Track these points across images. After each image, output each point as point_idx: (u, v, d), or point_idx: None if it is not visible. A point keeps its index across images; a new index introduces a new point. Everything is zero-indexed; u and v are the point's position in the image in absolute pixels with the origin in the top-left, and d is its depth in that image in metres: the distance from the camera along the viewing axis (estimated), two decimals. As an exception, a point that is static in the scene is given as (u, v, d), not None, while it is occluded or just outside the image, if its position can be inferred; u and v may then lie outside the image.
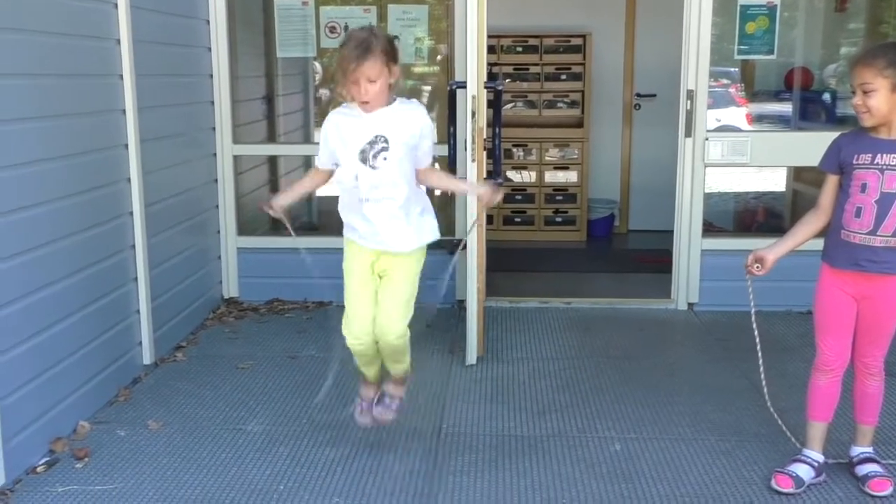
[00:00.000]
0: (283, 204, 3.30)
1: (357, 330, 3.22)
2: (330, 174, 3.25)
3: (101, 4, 3.97)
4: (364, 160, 3.05)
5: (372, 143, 3.05)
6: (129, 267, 4.22)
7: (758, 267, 3.13)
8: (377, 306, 3.20)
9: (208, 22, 5.27)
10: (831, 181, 3.12)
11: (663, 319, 5.33)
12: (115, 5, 4.05)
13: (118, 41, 4.08)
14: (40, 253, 3.41)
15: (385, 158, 3.03)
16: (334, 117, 3.16)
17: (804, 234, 3.16)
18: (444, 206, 5.56)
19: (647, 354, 4.68)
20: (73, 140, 3.69)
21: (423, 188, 3.29)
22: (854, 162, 3.01)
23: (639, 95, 7.69)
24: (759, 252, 3.15)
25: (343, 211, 3.23)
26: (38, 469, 3.33)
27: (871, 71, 2.91)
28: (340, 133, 3.12)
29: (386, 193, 3.08)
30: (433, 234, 3.25)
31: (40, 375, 3.41)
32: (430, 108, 6.37)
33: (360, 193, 3.10)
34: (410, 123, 3.12)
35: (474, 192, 3.39)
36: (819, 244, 3.18)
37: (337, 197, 3.32)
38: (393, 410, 3.38)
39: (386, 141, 3.04)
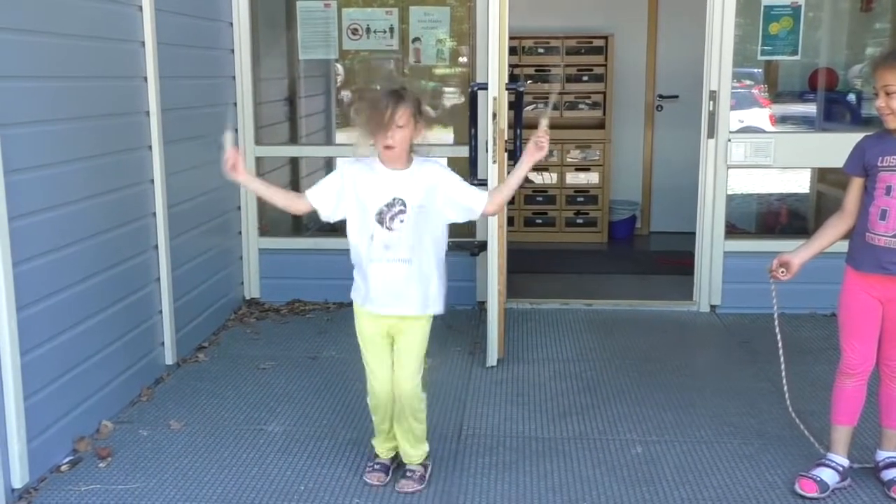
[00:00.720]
0: (245, 175, 3.16)
1: (379, 388, 3.19)
2: (308, 209, 3.12)
3: (126, 7, 4.00)
4: (381, 221, 2.99)
5: (390, 206, 2.99)
6: (152, 268, 4.25)
7: (783, 272, 3.11)
8: (395, 367, 3.17)
9: (231, 24, 5.30)
10: (856, 184, 3.09)
11: (685, 321, 5.30)
12: (140, 8, 4.08)
13: (142, 43, 4.11)
14: (64, 253, 3.44)
15: (402, 221, 2.98)
16: (354, 168, 3.05)
17: (829, 238, 3.14)
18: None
19: (668, 357, 4.66)
20: (97, 141, 3.72)
21: (442, 262, 3.15)
22: (879, 164, 2.98)
23: (661, 97, 7.66)
24: (784, 257, 3.13)
25: (356, 267, 3.14)
26: (62, 468, 3.35)
27: (894, 72, 2.88)
28: (357, 188, 3.03)
29: (399, 255, 3.02)
30: (436, 306, 3.15)
31: (64, 375, 3.44)
32: (451, 109, 6.37)
33: (371, 253, 3.03)
34: (425, 180, 3.03)
35: (529, 166, 3.25)
36: (843, 246, 3.15)
37: None
38: (416, 481, 3.22)
39: (403, 204, 2.98)
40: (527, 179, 7.15)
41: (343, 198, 3.05)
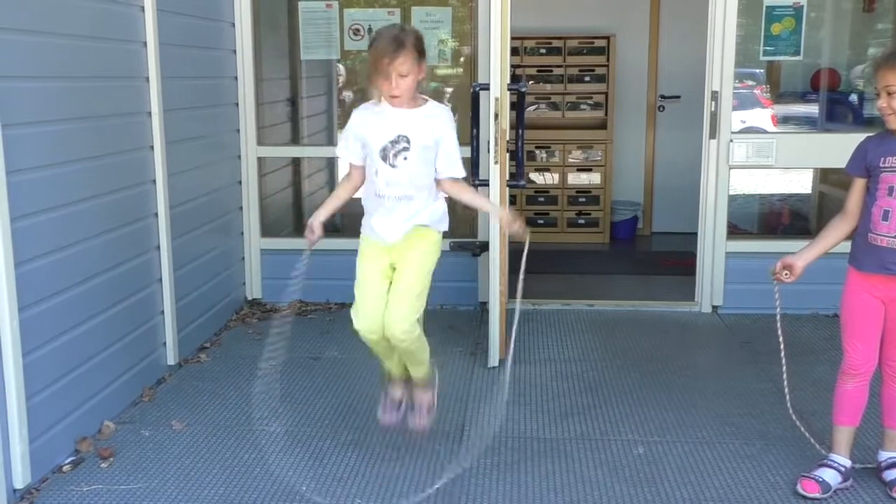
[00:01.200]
0: (321, 219, 3.28)
1: (364, 320, 3.18)
2: (359, 173, 3.23)
3: (128, 7, 4.00)
4: (384, 158, 3.07)
5: (394, 143, 3.07)
6: (154, 268, 4.25)
7: (786, 274, 3.11)
8: (390, 298, 3.17)
9: (233, 25, 5.30)
10: (858, 185, 3.09)
11: (687, 322, 5.30)
12: (142, 8, 4.08)
13: (144, 44, 4.11)
14: (66, 254, 3.45)
15: (405, 158, 3.05)
16: (363, 113, 3.17)
17: (832, 240, 3.13)
18: (467, 208, 5.55)
19: (670, 357, 4.65)
20: (99, 142, 3.72)
21: (443, 197, 3.24)
22: (881, 165, 2.98)
23: (663, 97, 7.65)
24: (787, 259, 3.12)
25: (364, 202, 3.23)
26: (64, 468, 3.36)
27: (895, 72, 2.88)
28: (365, 130, 3.14)
29: (403, 192, 3.09)
30: (443, 223, 3.24)
31: (66, 375, 3.44)
32: (452, 110, 6.38)
33: (376, 188, 3.11)
34: (434, 128, 3.12)
35: (496, 215, 3.34)
36: (845, 247, 3.15)
37: (359, 198, 3.33)
38: (425, 416, 3.32)
39: (408, 141, 3.06)
40: (529, 180, 7.22)
41: (358, 143, 3.15)
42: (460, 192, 3.28)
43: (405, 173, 3.06)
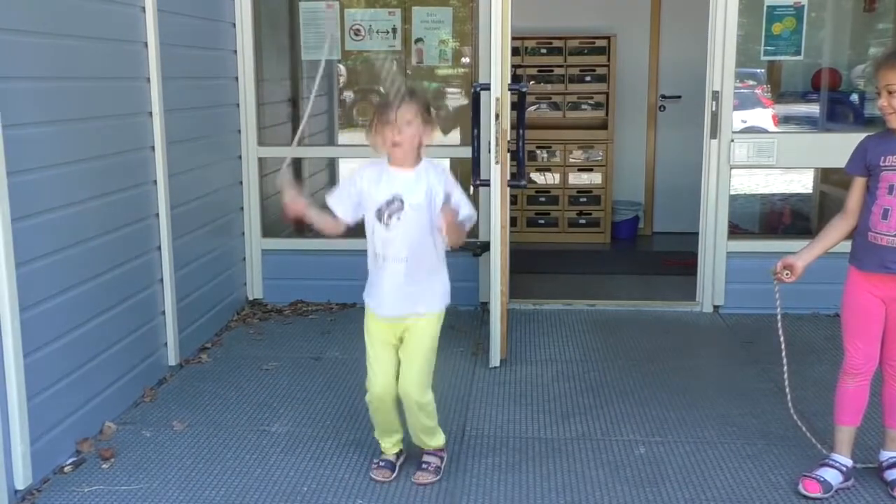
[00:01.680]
0: (300, 203, 3.17)
1: (378, 391, 3.22)
2: (345, 226, 3.17)
3: (129, 8, 4.00)
4: (380, 218, 3.05)
5: (389, 203, 3.04)
6: (155, 268, 4.25)
7: (787, 274, 3.11)
8: (400, 374, 3.19)
9: (234, 25, 5.30)
10: (858, 184, 3.09)
11: (688, 322, 5.30)
12: (143, 9, 4.08)
13: (145, 44, 4.11)
14: (67, 254, 3.45)
15: (399, 219, 3.03)
16: (366, 170, 3.12)
17: (833, 239, 3.13)
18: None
19: (671, 357, 4.65)
20: (100, 142, 3.72)
21: (443, 254, 3.18)
22: (881, 164, 2.99)
23: (664, 97, 7.65)
24: (788, 259, 3.12)
25: (369, 264, 3.18)
26: (66, 469, 3.36)
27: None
28: (365, 187, 3.10)
29: (397, 253, 3.06)
30: (443, 300, 3.18)
31: (67, 376, 3.44)
32: (453, 110, 6.38)
33: (375, 248, 3.11)
34: (428, 181, 3.06)
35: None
36: (846, 246, 3.15)
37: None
38: (432, 472, 3.27)
39: (401, 202, 3.03)
40: (530, 180, 7.22)
41: (356, 199, 3.13)
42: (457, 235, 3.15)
43: (399, 234, 3.04)
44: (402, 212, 3.02)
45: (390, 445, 3.35)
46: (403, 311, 3.13)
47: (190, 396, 4.11)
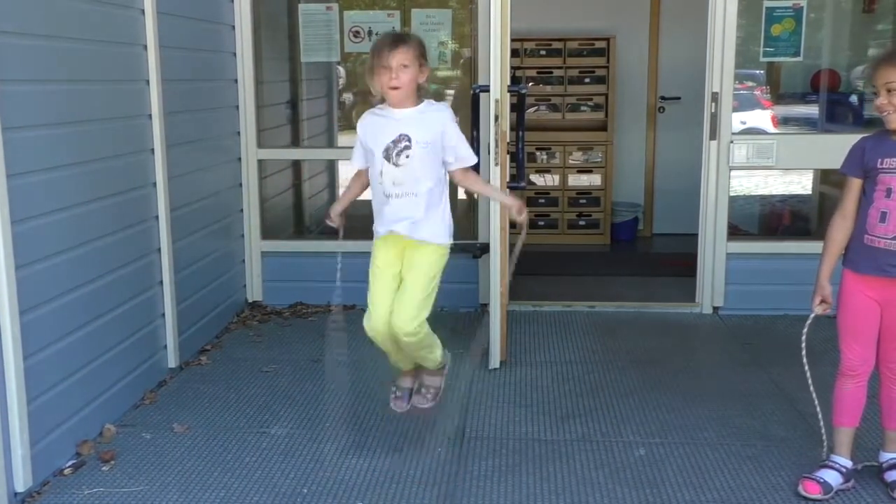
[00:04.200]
0: (339, 211, 3.44)
1: (373, 322, 3.30)
2: (366, 175, 3.37)
3: (128, 11, 4.00)
4: (388, 157, 3.17)
5: (396, 142, 3.17)
6: (155, 271, 4.25)
7: (825, 306, 3.11)
8: (395, 298, 3.28)
9: (233, 27, 5.31)
10: (855, 185, 3.07)
11: (688, 323, 5.30)
12: (142, 11, 4.08)
13: (145, 47, 4.11)
14: (67, 257, 3.45)
15: (407, 156, 3.15)
16: (367, 117, 3.30)
17: (841, 244, 3.11)
18: (468, 210, 5.56)
19: (671, 358, 4.65)
20: (99, 145, 3.72)
21: (446, 195, 3.33)
22: (878, 166, 2.97)
23: (663, 98, 7.65)
24: (822, 293, 3.11)
25: (374, 205, 3.33)
26: (65, 471, 3.36)
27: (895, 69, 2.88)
28: (369, 132, 3.26)
29: (407, 189, 3.19)
30: (447, 236, 3.32)
31: (67, 378, 3.44)
32: (453, 111, 6.38)
33: (383, 189, 3.21)
34: (433, 124, 3.22)
35: (498, 200, 3.45)
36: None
37: (363, 201, 3.37)
38: (429, 400, 3.42)
39: (409, 139, 3.16)
40: (530, 182, 7.22)
41: (366, 145, 3.28)
42: (471, 183, 3.43)
43: (409, 170, 3.17)
44: (411, 150, 3.14)
45: (408, 363, 3.45)
46: (409, 231, 3.22)
47: (190, 399, 4.11)
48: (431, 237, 3.27)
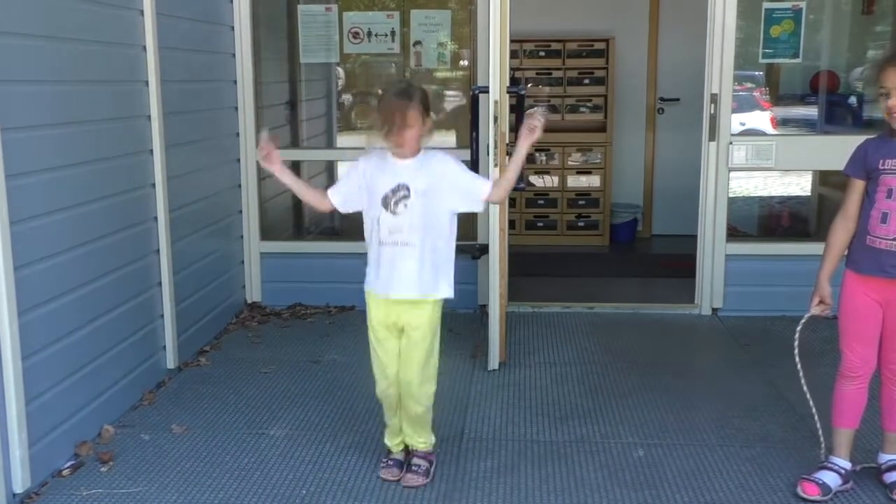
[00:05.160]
0: (279, 165, 3.26)
1: (383, 388, 3.30)
2: (331, 208, 3.30)
3: (127, 11, 4.00)
4: (386, 206, 3.14)
5: (394, 191, 3.14)
6: (154, 271, 4.25)
7: (824, 307, 3.11)
8: (402, 357, 3.25)
9: (232, 28, 5.30)
10: (857, 186, 3.07)
11: (687, 324, 5.30)
12: (141, 12, 4.08)
13: (144, 48, 4.11)
14: (66, 257, 3.45)
15: (405, 206, 3.13)
16: (367, 161, 3.23)
17: (842, 245, 3.11)
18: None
19: (670, 360, 4.65)
20: (98, 145, 3.72)
21: (451, 245, 3.25)
22: (880, 167, 2.98)
23: (662, 99, 7.66)
24: (821, 294, 3.11)
25: (368, 253, 3.26)
26: (64, 472, 3.35)
27: None
28: (368, 178, 3.21)
29: (403, 238, 3.14)
30: (446, 291, 3.23)
31: (65, 379, 3.44)
32: (452, 112, 6.38)
33: (379, 236, 3.17)
34: (431, 171, 3.17)
35: (526, 146, 3.32)
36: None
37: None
38: (421, 476, 3.29)
39: (407, 189, 3.13)
40: (529, 183, 7.22)
41: (357, 190, 3.24)
42: (503, 191, 3.35)
43: (406, 219, 3.13)
44: (409, 199, 3.12)
45: (397, 444, 3.39)
46: (408, 293, 3.17)
47: (188, 400, 4.11)
48: (431, 293, 3.19)
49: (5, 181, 3.00)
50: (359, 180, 3.23)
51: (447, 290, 3.22)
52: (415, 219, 3.13)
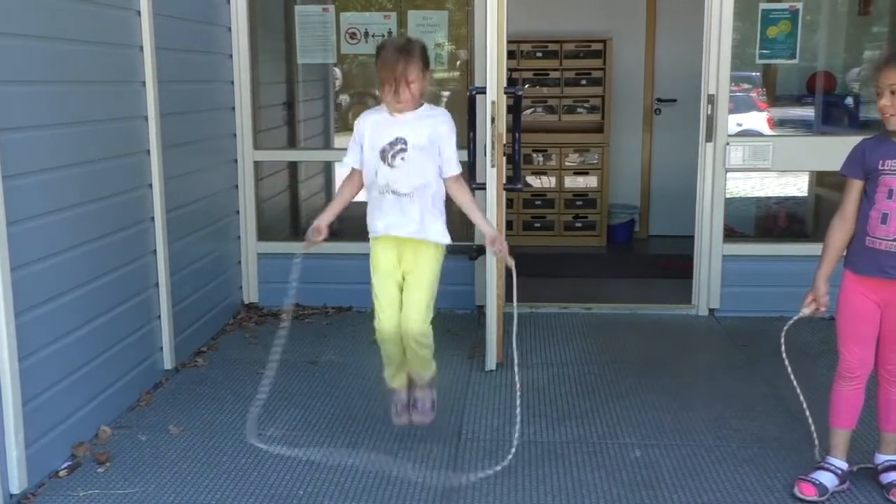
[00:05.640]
0: (326, 222, 3.41)
1: (384, 325, 3.36)
2: (360, 183, 3.42)
3: (125, 12, 4.00)
4: (384, 158, 3.23)
5: (392, 144, 3.24)
6: (151, 272, 4.24)
7: (822, 307, 3.11)
8: (402, 307, 3.35)
9: (230, 29, 5.30)
10: (855, 187, 3.07)
11: (684, 325, 5.30)
12: (138, 13, 4.08)
13: (141, 48, 4.11)
14: (63, 258, 3.44)
15: (402, 159, 3.22)
16: (366, 118, 3.35)
17: (840, 246, 3.11)
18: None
19: (667, 360, 4.66)
20: (95, 146, 3.72)
21: (442, 200, 3.39)
22: (879, 168, 2.98)
23: (659, 100, 7.66)
24: (815, 293, 3.11)
25: (369, 208, 3.36)
26: (61, 473, 3.35)
27: None
28: (368, 132, 3.32)
29: (401, 189, 3.24)
30: (446, 237, 3.36)
31: (63, 380, 3.44)
32: (451, 118, 6.39)
33: (378, 188, 3.28)
34: (429, 128, 3.27)
35: (478, 226, 3.46)
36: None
37: (358, 203, 3.38)
38: (428, 410, 3.50)
39: (405, 142, 3.22)
40: (526, 184, 7.23)
41: (362, 145, 3.34)
42: (458, 194, 3.42)
43: (403, 172, 3.23)
44: (406, 152, 3.21)
45: (400, 380, 3.50)
46: (408, 233, 3.28)
47: (186, 400, 4.11)
48: (432, 236, 3.32)
49: (2, 182, 2.99)
50: (361, 140, 3.33)
51: (446, 237, 3.35)
52: (412, 171, 3.22)
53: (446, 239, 3.37)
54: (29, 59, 3.24)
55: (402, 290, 3.36)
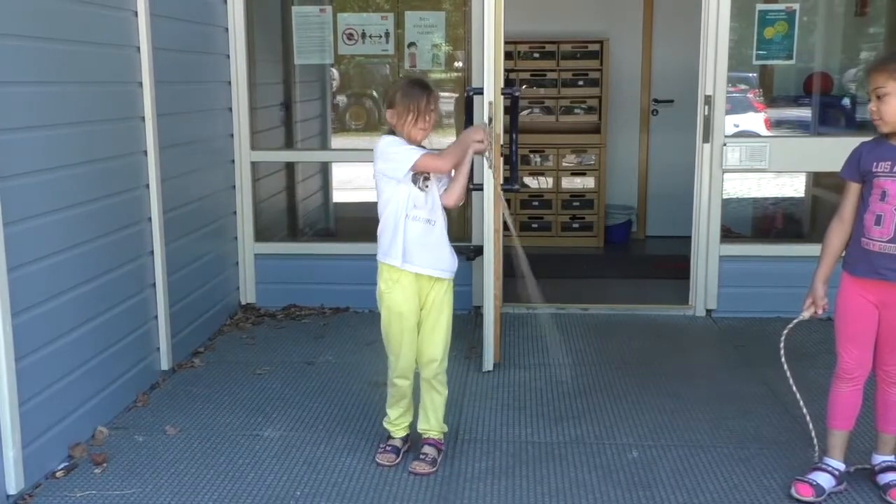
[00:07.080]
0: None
1: (402, 370, 3.40)
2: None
3: (121, 12, 4.00)
4: (416, 182, 3.30)
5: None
6: (148, 273, 4.24)
7: (820, 310, 3.12)
8: (421, 339, 3.39)
9: (227, 29, 5.30)
10: (853, 189, 3.09)
11: (681, 326, 5.31)
12: (135, 13, 4.08)
13: (138, 48, 4.10)
14: (59, 259, 3.44)
15: (428, 186, 3.31)
16: (403, 143, 3.33)
17: (838, 248, 3.12)
18: (461, 212, 5.56)
19: (664, 361, 4.66)
20: (92, 146, 3.72)
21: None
22: (873, 170, 2.99)
23: (656, 101, 7.67)
24: (813, 295, 3.13)
25: (384, 232, 3.34)
26: (57, 474, 3.35)
27: (883, 74, 2.90)
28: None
29: (424, 215, 3.31)
30: (455, 263, 3.43)
31: (59, 381, 3.43)
32: (446, 113, 6.39)
33: (406, 210, 3.29)
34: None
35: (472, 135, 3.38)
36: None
37: (355, 203, 3.38)
38: (428, 465, 3.38)
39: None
40: (523, 184, 7.22)
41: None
42: (453, 187, 3.40)
43: (430, 196, 3.32)
44: (429, 180, 3.32)
45: (401, 427, 3.49)
46: (430, 267, 3.33)
47: (183, 401, 4.10)
48: (451, 268, 3.40)
49: (-1, 182, 2.99)
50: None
51: (453, 267, 3.43)
52: (432, 197, 3.32)
53: (454, 269, 3.44)
54: (25, 60, 3.23)
55: (421, 321, 3.39)
